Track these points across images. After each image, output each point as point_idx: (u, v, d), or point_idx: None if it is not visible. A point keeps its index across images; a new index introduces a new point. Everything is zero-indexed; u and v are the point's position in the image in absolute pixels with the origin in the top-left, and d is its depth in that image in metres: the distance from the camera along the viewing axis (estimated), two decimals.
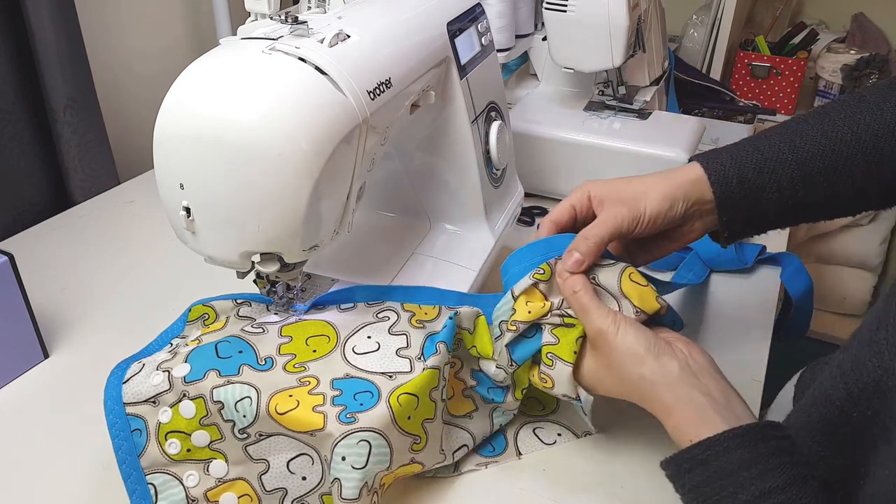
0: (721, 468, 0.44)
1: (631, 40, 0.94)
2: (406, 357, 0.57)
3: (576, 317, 0.55)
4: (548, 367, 0.56)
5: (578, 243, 0.56)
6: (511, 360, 0.57)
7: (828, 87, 1.48)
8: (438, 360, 0.56)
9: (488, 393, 0.60)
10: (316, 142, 0.50)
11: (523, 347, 0.57)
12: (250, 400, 0.52)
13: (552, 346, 0.55)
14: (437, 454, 0.57)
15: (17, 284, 0.66)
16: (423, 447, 0.55)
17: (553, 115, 1.04)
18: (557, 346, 0.55)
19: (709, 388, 0.49)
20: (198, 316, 0.62)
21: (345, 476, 0.50)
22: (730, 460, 0.44)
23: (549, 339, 0.56)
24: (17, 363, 0.69)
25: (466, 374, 0.61)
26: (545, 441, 0.61)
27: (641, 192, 0.58)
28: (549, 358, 0.55)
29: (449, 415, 0.59)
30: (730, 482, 0.44)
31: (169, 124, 0.50)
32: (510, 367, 0.57)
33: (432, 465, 0.57)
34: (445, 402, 0.58)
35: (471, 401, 0.61)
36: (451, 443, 0.59)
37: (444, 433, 0.58)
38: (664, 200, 0.57)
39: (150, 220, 0.95)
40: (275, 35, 0.54)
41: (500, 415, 0.62)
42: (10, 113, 0.91)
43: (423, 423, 0.54)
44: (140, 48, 1.16)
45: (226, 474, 0.53)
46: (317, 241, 0.55)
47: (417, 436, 0.54)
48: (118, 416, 0.53)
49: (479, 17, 0.78)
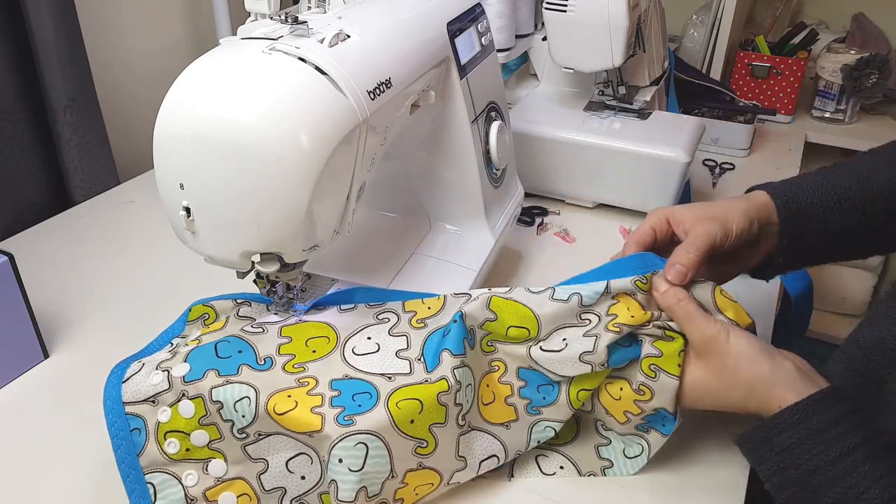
0: (810, 429, 0.49)
1: (631, 40, 0.94)
2: (406, 359, 0.57)
3: (677, 329, 0.56)
4: (650, 378, 0.55)
5: (680, 256, 0.58)
6: (607, 361, 0.55)
7: (828, 87, 1.48)
8: (445, 370, 0.55)
9: (538, 392, 0.58)
10: (316, 142, 0.50)
11: (621, 354, 0.56)
12: (249, 400, 0.52)
13: (655, 357, 0.55)
14: (452, 460, 0.55)
15: (17, 284, 0.66)
16: (432, 451, 0.54)
17: (553, 115, 1.04)
18: (661, 358, 0.55)
19: (821, 385, 0.52)
20: (198, 316, 0.62)
21: (341, 478, 0.50)
22: (820, 421, 0.49)
23: (650, 352, 0.55)
24: (17, 363, 0.69)
25: (513, 376, 0.59)
26: (544, 470, 0.59)
27: (724, 211, 0.61)
28: (652, 369, 0.55)
29: (483, 420, 0.58)
30: (819, 440, 0.48)
31: (169, 124, 0.50)
32: (601, 366, 0.55)
33: (451, 473, 0.56)
34: (475, 406, 0.57)
35: (513, 409, 0.59)
36: (475, 450, 0.57)
37: (464, 441, 0.56)
38: (746, 218, 0.61)
39: (150, 220, 0.95)
40: (275, 35, 0.54)
41: (540, 430, 0.58)
42: (10, 113, 0.91)
43: (431, 428, 0.54)
44: (140, 48, 1.16)
45: (225, 474, 0.53)
46: (317, 241, 0.55)
47: (423, 440, 0.53)
48: (117, 415, 0.53)
49: (479, 17, 0.78)
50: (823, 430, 0.48)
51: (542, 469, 0.59)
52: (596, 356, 0.55)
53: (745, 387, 0.53)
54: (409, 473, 0.53)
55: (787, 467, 0.49)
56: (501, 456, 0.57)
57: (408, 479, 0.53)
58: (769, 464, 0.50)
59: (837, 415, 0.49)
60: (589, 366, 0.55)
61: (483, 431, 0.57)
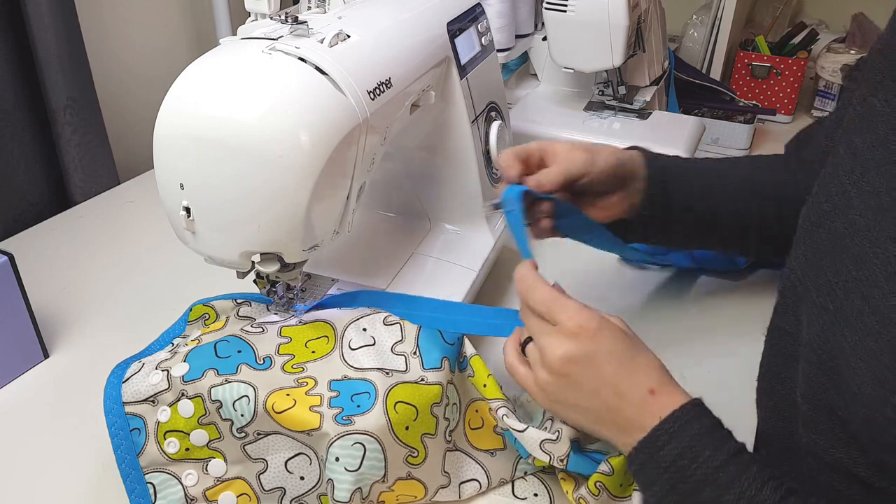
0: (693, 436, 0.46)
1: (631, 40, 0.94)
2: (401, 354, 0.57)
3: None
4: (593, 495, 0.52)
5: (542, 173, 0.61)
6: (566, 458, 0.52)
7: (828, 87, 1.48)
8: (442, 377, 0.55)
9: (515, 443, 0.56)
10: (316, 142, 0.50)
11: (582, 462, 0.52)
12: (248, 399, 0.52)
13: (605, 475, 0.51)
14: (438, 475, 0.56)
15: (17, 284, 0.66)
16: (421, 462, 0.54)
17: (553, 115, 1.04)
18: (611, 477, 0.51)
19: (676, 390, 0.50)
20: (198, 316, 0.62)
21: (338, 477, 0.50)
22: (701, 426, 0.46)
23: (603, 469, 0.51)
24: (17, 363, 0.69)
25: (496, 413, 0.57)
26: (517, 495, 0.57)
27: (595, 147, 0.65)
28: (598, 487, 0.51)
29: (469, 444, 0.57)
30: (705, 446, 0.45)
31: (169, 124, 0.50)
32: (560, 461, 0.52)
33: (435, 489, 0.56)
34: (461, 427, 0.57)
35: (500, 439, 0.58)
36: (458, 471, 0.57)
37: (450, 457, 0.56)
38: (613, 157, 0.64)
39: (150, 220, 0.95)
40: (275, 35, 0.54)
41: (526, 463, 0.57)
42: (10, 113, 0.91)
43: (423, 437, 0.54)
44: (140, 48, 1.16)
45: (224, 473, 0.53)
46: (317, 241, 0.55)
47: (414, 448, 0.53)
48: (118, 415, 0.53)
49: (479, 17, 0.78)
50: (705, 434, 0.46)
51: (514, 493, 0.57)
52: (557, 447, 0.52)
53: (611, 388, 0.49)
54: (398, 482, 0.53)
55: (676, 482, 0.46)
56: (483, 482, 0.57)
57: (395, 487, 0.54)
58: (661, 483, 0.46)
59: (714, 421, 0.47)
60: (548, 455, 0.52)
61: (468, 455, 0.57)
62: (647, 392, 0.48)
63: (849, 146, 0.49)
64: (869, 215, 0.44)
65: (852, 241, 0.45)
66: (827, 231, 0.48)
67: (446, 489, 0.56)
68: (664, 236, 0.71)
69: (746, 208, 0.70)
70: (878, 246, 0.43)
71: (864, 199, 0.45)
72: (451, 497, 0.56)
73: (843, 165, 0.48)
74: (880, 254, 0.42)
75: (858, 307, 0.43)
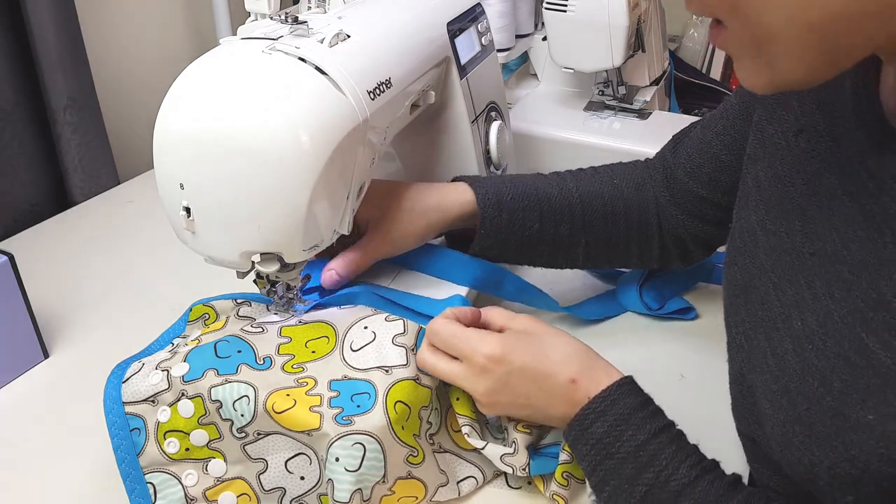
0: (618, 415, 0.49)
1: (631, 40, 0.94)
2: (401, 346, 0.57)
3: None
4: (562, 487, 0.54)
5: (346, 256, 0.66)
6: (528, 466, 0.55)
7: None
8: (432, 381, 0.56)
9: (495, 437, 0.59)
10: (316, 142, 0.50)
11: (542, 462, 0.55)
12: (248, 399, 0.52)
13: (567, 464, 0.54)
14: (437, 473, 0.56)
15: (17, 284, 0.66)
16: (421, 461, 0.54)
17: (553, 115, 1.04)
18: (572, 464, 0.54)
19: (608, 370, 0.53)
20: (198, 316, 0.62)
21: (338, 478, 0.50)
22: (626, 405, 0.50)
23: (565, 458, 0.54)
24: (17, 363, 0.69)
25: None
26: (511, 485, 0.58)
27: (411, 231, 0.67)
28: (565, 477, 0.54)
29: (456, 446, 0.58)
30: (628, 425, 0.49)
31: (169, 124, 0.50)
32: (522, 470, 0.55)
33: (435, 488, 0.56)
34: (443, 430, 0.58)
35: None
36: (454, 471, 0.57)
37: (442, 459, 0.57)
38: (428, 231, 0.67)
39: (150, 220, 0.95)
40: (275, 35, 0.54)
41: None
42: (10, 113, 0.91)
43: (414, 437, 0.54)
44: (140, 48, 1.16)
45: (224, 473, 0.53)
46: (317, 241, 0.55)
47: (414, 448, 0.54)
48: (118, 415, 0.53)
49: (479, 17, 0.78)
50: (630, 414, 0.49)
51: (509, 484, 0.58)
52: (516, 459, 0.55)
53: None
54: (398, 481, 0.53)
55: (602, 458, 0.49)
56: (479, 478, 0.57)
57: (396, 488, 0.54)
58: (589, 459, 0.50)
59: (641, 400, 0.50)
60: (511, 468, 0.55)
61: (458, 456, 0.58)
62: (569, 382, 0.52)
63: (755, 179, 0.51)
64: (773, 256, 0.46)
65: (760, 281, 0.47)
66: (740, 269, 0.50)
67: (445, 487, 0.56)
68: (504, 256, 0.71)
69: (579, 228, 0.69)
70: (779, 288, 0.45)
71: (768, 238, 0.47)
72: (450, 495, 0.56)
73: (752, 199, 0.51)
74: (781, 296, 0.44)
75: (763, 348, 0.45)
